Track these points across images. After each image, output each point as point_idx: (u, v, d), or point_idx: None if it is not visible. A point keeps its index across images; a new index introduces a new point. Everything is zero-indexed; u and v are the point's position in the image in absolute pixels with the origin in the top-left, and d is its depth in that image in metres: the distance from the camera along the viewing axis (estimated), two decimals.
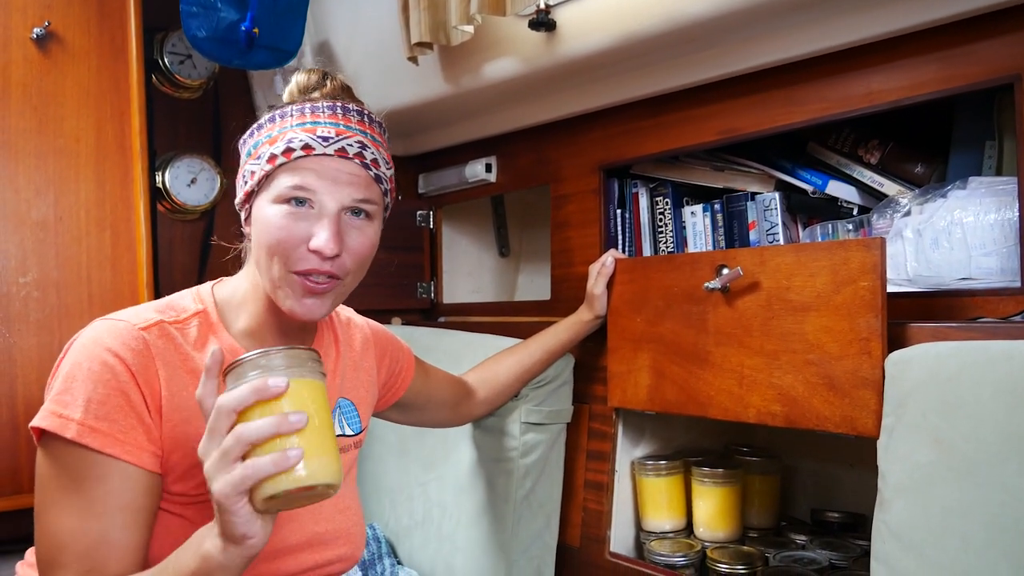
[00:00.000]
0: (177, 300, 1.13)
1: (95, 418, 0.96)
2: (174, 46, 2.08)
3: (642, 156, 1.70)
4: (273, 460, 0.82)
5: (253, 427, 0.82)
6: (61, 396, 0.98)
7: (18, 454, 1.64)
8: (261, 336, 1.14)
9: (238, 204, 1.12)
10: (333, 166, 1.04)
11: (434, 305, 2.34)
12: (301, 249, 1.04)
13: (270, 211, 1.05)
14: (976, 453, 0.96)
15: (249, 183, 1.07)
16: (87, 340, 1.01)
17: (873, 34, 1.29)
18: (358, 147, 1.06)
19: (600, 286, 1.59)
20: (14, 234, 1.66)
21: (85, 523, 0.96)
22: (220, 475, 0.82)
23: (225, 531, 0.85)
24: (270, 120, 1.08)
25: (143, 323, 1.03)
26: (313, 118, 1.05)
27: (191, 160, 2.10)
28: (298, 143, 1.03)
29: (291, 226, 1.03)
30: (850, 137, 1.55)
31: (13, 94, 1.66)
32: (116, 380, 0.98)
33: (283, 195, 1.04)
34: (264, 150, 1.05)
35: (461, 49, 1.70)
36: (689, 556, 1.53)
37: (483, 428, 1.69)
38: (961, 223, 1.25)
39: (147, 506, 1.00)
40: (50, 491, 0.98)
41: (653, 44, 1.47)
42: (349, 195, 1.05)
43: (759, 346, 1.30)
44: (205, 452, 0.85)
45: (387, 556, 1.86)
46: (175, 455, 1.02)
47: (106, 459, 0.97)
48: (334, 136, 1.04)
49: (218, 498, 0.82)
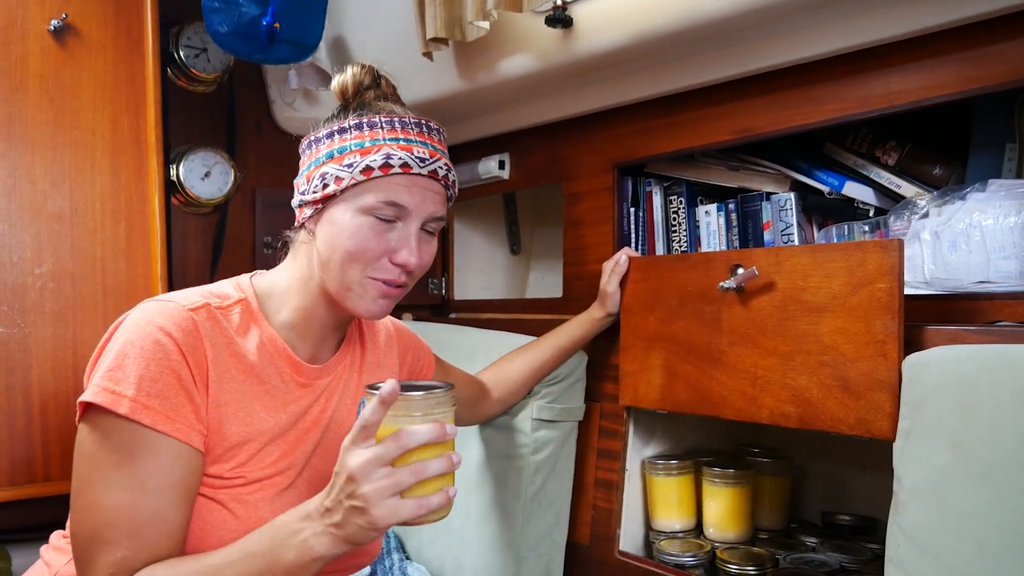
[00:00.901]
0: (220, 287, 1.16)
1: (147, 395, 0.98)
2: (189, 39, 2.08)
3: (656, 155, 1.69)
4: (440, 501, 0.94)
5: (432, 467, 0.93)
6: (113, 372, 0.99)
7: (33, 444, 1.64)
8: (302, 330, 1.16)
9: (307, 201, 1.12)
10: (424, 186, 1.10)
11: (445, 301, 2.34)
12: (383, 260, 1.09)
13: (356, 220, 1.08)
14: (993, 457, 0.95)
15: (332, 187, 1.09)
16: (138, 319, 1.03)
17: (893, 34, 1.28)
18: (445, 169, 1.13)
19: (613, 284, 1.59)
20: (30, 225, 1.66)
21: (136, 499, 0.97)
22: (386, 501, 0.91)
23: (354, 539, 0.93)
24: (357, 127, 1.10)
25: (192, 304, 1.06)
26: (405, 135, 1.10)
27: (205, 154, 2.10)
28: (397, 160, 1.07)
29: (377, 238, 1.09)
30: (868, 138, 1.54)
31: (30, 86, 1.67)
32: (168, 359, 1.00)
33: (373, 208, 1.08)
34: (355, 159, 1.08)
35: (476, 45, 1.70)
36: (699, 556, 1.53)
37: (494, 425, 1.69)
38: (980, 226, 1.24)
39: (193, 485, 1.03)
40: (96, 467, 0.99)
41: (670, 42, 1.46)
42: (432, 213, 1.12)
43: (773, 347, 1.30)
44: (365, 474, 0.91)
45: (396, 551, 1.86)
46: (214, 436, 1.05)
47: (157, 436, 0.99)
48: (428, 158, 1.10)
49: (379, 522, 0.91)
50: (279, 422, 1.10)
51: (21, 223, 1.66)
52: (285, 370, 1.13)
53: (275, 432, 1.09)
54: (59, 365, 1.66)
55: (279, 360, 1.12)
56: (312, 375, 1.16)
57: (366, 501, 0.90)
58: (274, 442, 1.09)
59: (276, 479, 1.09)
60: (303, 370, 1.14)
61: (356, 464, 0.91)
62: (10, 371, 1.63)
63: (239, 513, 1.04)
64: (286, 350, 1.13)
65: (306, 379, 1.15)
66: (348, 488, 0.91)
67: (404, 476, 0.91)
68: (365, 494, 0.90)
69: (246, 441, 1.07)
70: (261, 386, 1.10)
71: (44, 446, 1.65)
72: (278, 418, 1.10)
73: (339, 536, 0.93)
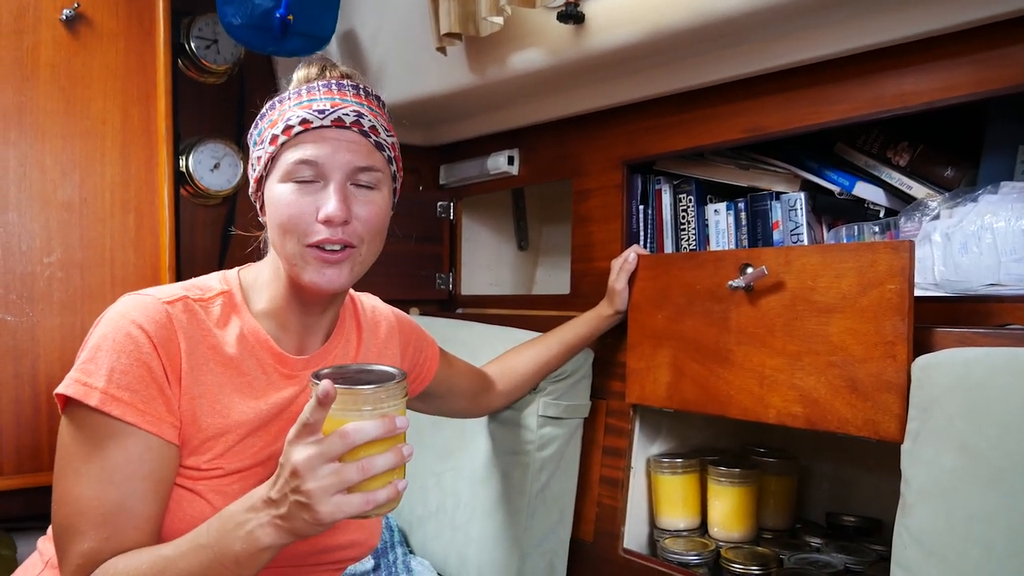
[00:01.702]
0: (204, 280, 1.16)
1: (117, 387, 0.99)
2: (200, 31, 2.09)
3: (666, 152, 1.69)
4: (388, 495, 0.92)
5: (381, 463, 0.91)
6: (86, 365, 1.00)
7: (40, 432, 1.65)
8: (283, 320, 1.15)
9: (252, 194, 1.15)
10: (332, 136, 1.07)
11: (452, 296, 2.35)
12: (312, 223, 1.06)
13: (279, 190, 1.08)
14: (1002, 460, 0.95)
15: (257, 169, 1.11)
16: (114, 313, 1.04)
17: (906, 35, 1.28)
18: (355, 116, 1.07)
19: (622, 281, 1.59)
20: (40, 214, 1.67)
21: (104, 490, 0.98)
22: (331, 498, 0.89)
23: (299, 532, 0.92)
24: (270, 108, 1.11)
25: (168, 297, 1.06)
26: (309, 96, 1.08)
27: (215, 145, 2.11)
28: (296, 119, 1.06)
29: (299, 201, 1.06)
30: (879, 138, 1.53)
31: (41, 75, 1.67)
32: (139, 351, 1.01)
33: (289, 172, 1.06)
34: (267, 134, 1.09)
35: (489, 40, 1.70)
36: (703, 555, 1.53)
37: (500, 421, 1.69)
38: (991, 228, 1.24)
39: (165, 477, 1.02)
40: (70, 458, 1.00)
41: (682, 39, 1.46)
42: (350, 162, 1.07)
43: (782, 346, 1.30)
44: (310, 470, 0.90)
45: (399, 545, 1.87)
46: (190, 428, 1.04)
47: (127, 427, 0.99)
48: (329, 108, 1.06)
49: (323, 519, 0.89)
50: (260, 413, 1.09)
51: (31, 212, 1.66)
52: (267, 361, 1.12)
53: (255, 423, 1.08)
54: (67, 354, 1.66)
55: (260, 351, 1.12)
56: (297, 366, 1.15)
57: (310, 498, 0.89)
58: (255, 433, 1.09)
59: (256, 469, 1.08)
60: (287, 361, 1.14)
61: (300, 459, 0.89)
62: (18, 359, 1.63)
63: (218, 504, 1.04)
64: (267, 341, 1.12)
65: (291, 370, 1.14)
66: (293, 483, 0.90)
67: (351, 474, 0.90)
68: (310, 491, 0.89)
69: (223, 433, 1.06)
70: (241, 378, 1.09)
71: (51, 435, 1.65)
72: (258, 409, 1.09)
73: (284, 528, 0.92)
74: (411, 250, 2.25)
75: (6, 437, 1.62)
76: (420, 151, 2.33)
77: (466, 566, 1.71)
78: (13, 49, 1.64)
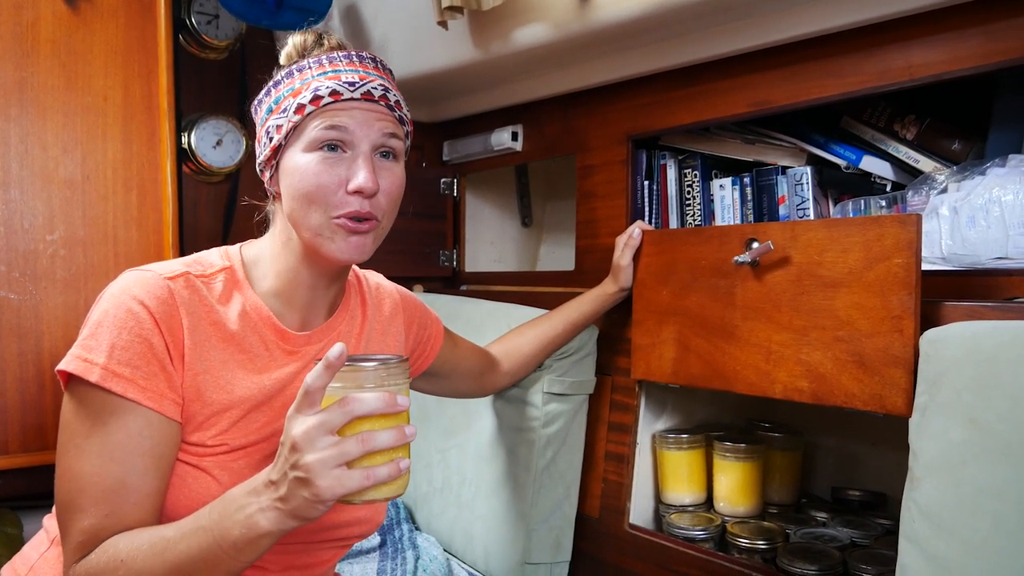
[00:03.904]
0: (205, 256, 1.15)
1: (118, 363, 0.98)
2: (201, 6, 2.07)
3: (671, 127, 1.68)
4: (389, 472, 0.90)
5: (382, 438, 0.90)
6: (87, 341, 1.00)
7: (44, 411, 1.65)
8: (288, 296, 1.14)
9: (262, 164, 1.13)
10: (364, 108, 1.07)
11: (456, 273, 2.34)
12: (340, 193, 1.06)
13: (304, 159, 1.06)
14: (1011, 433, 0.95)
15: (276, 137, 1.08)
16: (116, 289, 1.03)
17: (914, 6, 1.26)
18: (381, 90, 1.08)
19: (627, 257, 1.58)
20: (42, 192, 1.66)
21: (104, 467, 0.98)
22: (330, 472, 0.88)
23: (300, 513, 0.90)
24: (287, 76, 1.10)
25: (169, 273, 1.06)
26: (333, 67, 1.08)
27: (217, 122, 2.09)
28: (325, 90, 1.05)
29: (328, 171, 1.06)
30: (886, 112, 1.52)
31: (42, 51, 1.65)
32: (140, 327, 1.00)
33: (317, 140, 1.06)
34: (289, 103, 1.07)
35: (492, 14, 1.68)
36: (709, 530, 1.53)
37: (505, 398, 1.69)
38: (999, 201, 1.23)
39: (166, 454, 1.02)
40: (72, 435, 1.00)
41: (687, 13, 1.44)
42: (380, 131, 1.08)
43: (788, 321, 1.29)
44: (309, 442, 0.88)
45: (405, 522, 1.87)
46: (194, 404, 1.04)
47: (127, 404, 0.99)
48: (359, 81, 1.07)
49: (323, 494, 0.87)
50: (263, 389, 1.09)
51: (33, 190, 1.65)
52: (269, 337, 1.12)
53: (259, 399, 1.08)
54: (70, 332, 1.65)
55: (263, 327, 1.11)
56: (299, 342, 1.14)
57: (309, 471, 0.87)
58: (258, 409, 1.09)
59: (261, 445, 1.09)
60: (289, 337, 1.13)
61: (299, 431, 0.88)
62: (21, 338, 1.63)
63: (224, 480, 1.04)
64: (270, 317, 1.12)
65: (293, 346, 1.14)
66: (292, 458, 0.88)
67: (351, 446, 0.88)
68: (308, 463, 0.87)
69: (227, 408, 1.06)
70: (243, 354, 1.09)
71: (55, 413, 1.63)
72: (261, 385, 1.09)
73: (285, 511, 0.90)
74: (414, 227, 2.24)
75: (11, 415, 1.62)
76: (423, 127, 2.32)
77: (472, 542, 1.72)
78: (13, 24, 1.62)
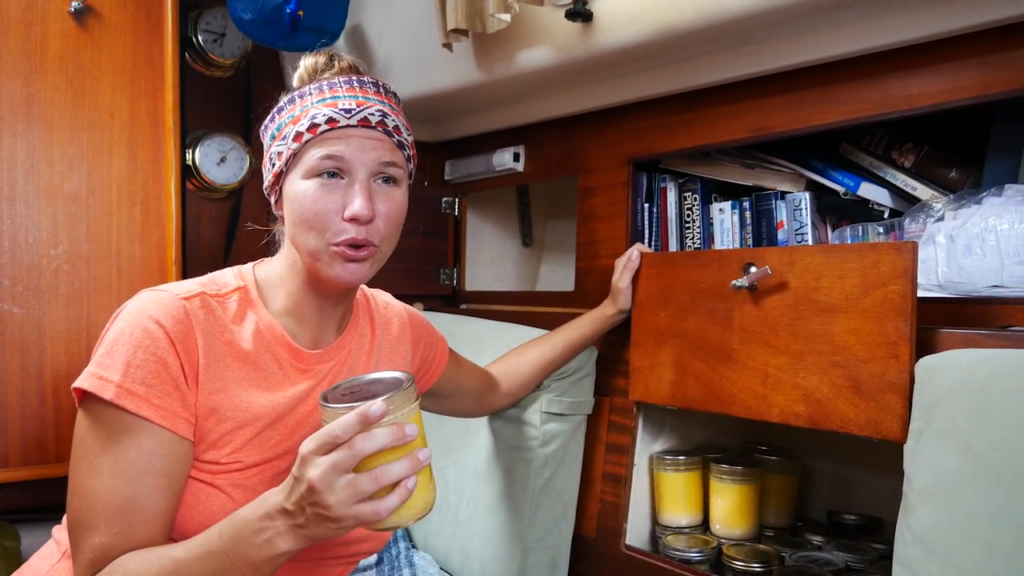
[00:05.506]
0: (219, 276, 1.16)
1: (133, 381, 1.00)
2: (208, 24, 2.09)
3: (672, 151, 1.70)
4: (400, 498, 0.93)
5: (394, 471, 0.93)
6: (103, 359, 1.01)
7: (46, 425, 1.65)
8: (299, 315, 1.16)
9: (267, 188, 1.15)
10: (358, 135, 1.08)
11: (456, 292, 2.35)
12: (337, 220, 1.07)
13: (302, 186, 1.08)
14: (1005, 461, 0.96)
15: (277, 164, 1.10)
16: (132, 309, 1.05)
17: (913, 36, 1.28)
18: (379, 115, 1.09)
19: (625, 280, 1.59)
20: (47, 207, 1.67)
21: (116, 485, 0.99)
22: (348, 507, 0.91)
23: (320, 536, 0.94)
24: (289, 102, 1.11)
25: (185, 293, 1.07)
26: (332, 93, 1.09)
27: (221, 139, 2.11)
28: (322, 118, 1.07)
29: (325, 198, 1.07)
30: (884, 139, 1.54)
31: (49, 67, 1.67)
32: (156, 347, 1.02)
33: (314, 168, 1.07)
34: (288, 130, 1.09)
35: (496, 37, 1.70)
36: (705, 552, 1.53)
37: (504, 417, 1.70)
38: (995, 230, 1.24)
39: (178, 473, 1.03)
40: (85, 452, 1.01)
41: (689, 39, 1.46)
42: (376, 159, 1.09)
43: (785, 346, 1.30)
44: (328, 486, 0.91)
45: (402, 540, 1.87)
46: (208, 422, 1.05)
47: (141, 422, 1.00)
48: (355, 108, 1.08)
49: (347, 523, 0.92)
50: (277, 407, 1.10)
51: (38, 204, 1.66)
52: (283, 356, 1.13)
53: (272, 417, 1.10)
54: (72, 347, 1.67)
55: (276, 346, 1.13)
56: (312, 360, 1.16)
57: (330, 511, 0.91)
58: (272, 426, 1.10)
59: (274, 463, 1.10)
60: (302, 356, 1.15)
61: (316, 475, 0.90)
62: (24, 352, 1.64)
63: (237, 498, 1.05)
64: (283, 336, 1.13)
65: (306, 364, 1.15)
66: (311, 498, 0.91)
67: (364, 484, 0.91)
68: (330, 505, 0.91)
69: (242, 426, 1.07)
70: (257, 373, 1.10)
71: (56, 427, 1.66)
72: (275, 403, 1.10)
73: (303, 534, 0.94)
74: (416, 245, 2.26)
75: (12, 429, 1.63)
76: (426, 146, 2.33)
77: (469, 561, 1.72)
78: (22, 41, 1.64)
